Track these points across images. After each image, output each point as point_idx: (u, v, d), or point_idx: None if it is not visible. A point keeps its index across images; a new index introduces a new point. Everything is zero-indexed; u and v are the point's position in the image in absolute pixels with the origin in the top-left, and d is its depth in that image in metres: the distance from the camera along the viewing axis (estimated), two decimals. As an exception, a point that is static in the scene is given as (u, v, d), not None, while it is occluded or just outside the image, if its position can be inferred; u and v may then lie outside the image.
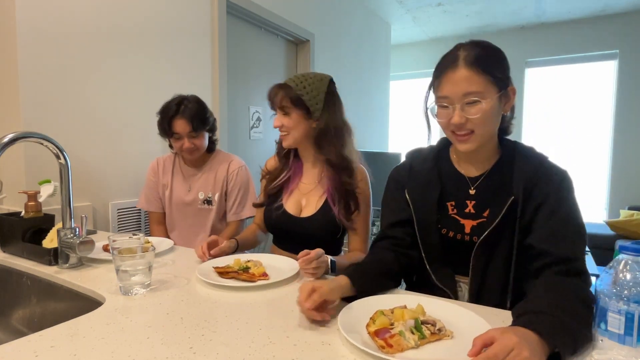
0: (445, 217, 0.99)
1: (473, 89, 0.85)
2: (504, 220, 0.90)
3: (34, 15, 1.52)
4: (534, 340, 0.60)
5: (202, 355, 0.64)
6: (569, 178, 0.91)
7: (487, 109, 0.86)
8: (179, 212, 1.73)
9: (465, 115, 0.87)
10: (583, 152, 4.74)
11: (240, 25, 2.62)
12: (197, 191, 1.71)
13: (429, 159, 1.04)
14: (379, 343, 0.65)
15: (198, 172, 1.73)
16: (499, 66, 0.89)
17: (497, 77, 0.87)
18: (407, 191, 1.03)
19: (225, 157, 1.77)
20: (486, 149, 0.97)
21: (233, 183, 1.72)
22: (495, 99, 0.87)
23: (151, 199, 1.75)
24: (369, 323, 0.71)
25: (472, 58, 0.86)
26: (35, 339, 0.70)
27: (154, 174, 1.75)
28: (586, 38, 4.58)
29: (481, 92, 0.86)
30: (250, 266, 1.05)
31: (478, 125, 0.88)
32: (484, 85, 0.86)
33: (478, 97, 0.86)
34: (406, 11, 4.33)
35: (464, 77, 0.86)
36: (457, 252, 0.97)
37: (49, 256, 1.13)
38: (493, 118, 0.90)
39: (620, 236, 3.71)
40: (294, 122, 1.26)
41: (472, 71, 0.85)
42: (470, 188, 0.98)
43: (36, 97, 1.55)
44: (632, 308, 0.55)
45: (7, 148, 0.95)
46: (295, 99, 1.24)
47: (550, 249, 0.83)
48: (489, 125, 0.90)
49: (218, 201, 1.71)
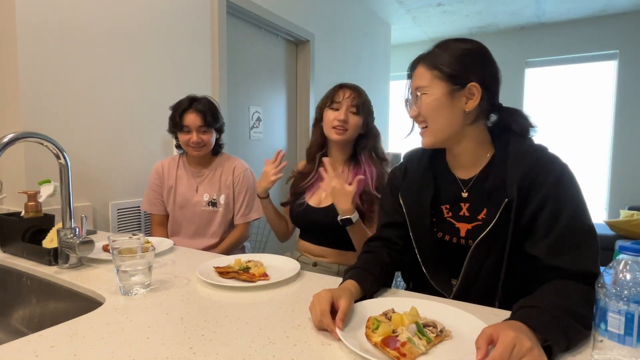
0: (441, 221, 0.98)
1: (420, 83, 0.92)
2: (500, 223, 0.86)
3: (34, 15, 1.52)
4: (528, 331, 0.61)
5: (202, 355, 0.64)
6: (568, 172, 0.85)
7: (428, 102, 0.90)
8: (183, 215, 1.73)
9: (416, 108, 0.94)
10: (583, 152, 4.74)
11: (240, 25, 2.62)
12: (202, 193, 1.72)
13: (424, 161, 1.03)
14: (392, 354, 0.62)
15: (203, 173, 1.74)
16: (453, 63, 0.89)
17: (445, 72, 0.89)
18: (401, 194, 1.03)
19: (230, 160, 1.79)
20: (469, 149, 0.94)
21: (240, 186, 1.74)
22: (440, 93, 0.89)
23: (153, 201, 1.76)
24: (368, 333, 0.69)
25: (428, 55, 0.93)
26: (35, 339, 0.70)
27: (158, 177, 1.75)
28: (586, 38, 4.58)
29: (426, 86, 0.91)
30: (251, 266, 1.05)
31: (427, 118, 0.92)
32: (430, 80, 0.90)
33: (420, 92, 0.92)
34: (406, 11, 4.34)
35: (417, 73, 0.94)
36: (453, 255, 0.95)
37: (49, 256, 1.13)
38: (439, 111, 0.90)
39: (620, 236, 3.71)
40: (359, 122, 1.40)
41: (422, 67, 0.93)
42: (462, 191, 0.97)
43: (36, 97, 1.55)
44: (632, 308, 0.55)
45: (7, 148, 0.95)
46: (365, 104, 1.42)
47: (561, 264, 0.78)
48: (437, 119, 0.91)
49: (224, 204, 1.72)
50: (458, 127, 0.92)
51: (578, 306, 0.69)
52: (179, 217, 1.74)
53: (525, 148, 0.89)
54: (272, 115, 3.00)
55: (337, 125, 1.37)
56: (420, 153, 1.06)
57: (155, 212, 1.77)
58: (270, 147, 2.95)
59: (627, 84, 4.42)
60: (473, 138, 0.94)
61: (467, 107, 0.89)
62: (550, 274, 0.80)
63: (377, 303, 0.83)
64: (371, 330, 0.69)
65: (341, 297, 0.76)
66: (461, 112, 0.90)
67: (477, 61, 0.91)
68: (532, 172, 0.85)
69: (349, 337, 0.67)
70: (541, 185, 0.83)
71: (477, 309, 0.84)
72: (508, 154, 0.90)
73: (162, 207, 1.77)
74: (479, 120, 0.93)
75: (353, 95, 1.40)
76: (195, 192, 1.72)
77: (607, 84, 4.61)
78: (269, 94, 2.94)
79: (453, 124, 0.91)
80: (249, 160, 2.74)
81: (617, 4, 4.14)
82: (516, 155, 0.88)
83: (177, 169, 1.76)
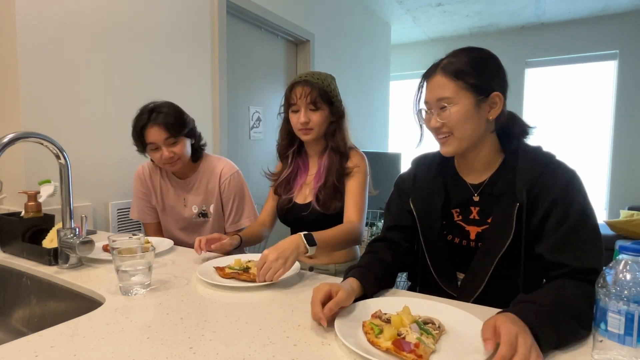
0: (451, 224, 1.00)
1: (444, 94, 0.90)
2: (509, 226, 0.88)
3: (34, 15, 1.52)
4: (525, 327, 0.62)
5: (202, 355, 0.64)
6: (577, 177, 0.88)
7: (457, 114, 0.90)
8: (176, 226, 1.64)
9: (440, 119, 0.92)
10: (583, 152, 4.74)
11: (240, 25, 2.62)
12: (190, 205, 1.61)
13: (433, 167, 1.05)
14: (410, 358, 0.61)
15: (188, 182, 1.60)
16: (476, 73, 0.89)
17: (470, 83, 0.89)
18: (412, 200, 1.04)
19: (215, 164, 1.62)
20: (483, 155, 0.96)
21: (227, 193, 1.59)
22: (469, 104, 0.89)
23: (143, 209, 1.65)
24: (373, 339, 0.67)
25: (447, 65, 0.91)
26: (35, 339, 0.70)
27: (142, 183, 1.62)
28: (586, 38, 4.58)
29: (451, 97, 0.90)
30: (251, 266, 1.05)
31: (454, 128, 0.92)
32: (456, 92, 0.89)
33: (447, 103, 0.90)
34: (406, 11, 4.33)
35: (438, 83, 0.92)
36: (462, 257, 0.97)
37: (49, 256, 1.13)
38: (468, 122, 0.91)
39: (620, 236, 3.71)
40: (322, 117, 1.33)
41: (445, 78, 0.90)
42: (473, 195, 0.98)
43: (36, 97, 1.55)
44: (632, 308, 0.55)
45: (7, 148, 0.95)
46: (323, 94, 1.32)
47: (565, 260, 0.80)
48: (466, 129, 0.91)
49: (214, 212, 1.61)
50: (481, 136, 0.94)
51: (576, 303, 0.70)
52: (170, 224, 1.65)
53: (534, 154, 0.92)
54: (272, 115, 2.99)
55: (300, 128, 1.33)
56: (429, 159, 1.08)
57: (149, 221, 1.66)
58: (270, 147, 2.94)
59: (627, 84, 4.41)
60: (489, 144, 0.96)
61: (490, 116, 0.92)
62: (554, 272, 0.82)
63: (377, 303, 0.83)
64: (375, 336, 0.68)
65: (340, 289, 0.77)
66: (484, 121, 0.92)
67: (495, 70, 0.92)
68: (542, 178, 0.87)
69: (349, 336, 0.67)
70: (550, 190, 0.86)
71: (473, 308, 0.84)
72: (517, 159, 0.92)
73: (153, 214, 1.66)
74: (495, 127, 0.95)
75: (306, 92, 1.30)
76: (183, 205, 1.61)
77: (607, 84, 4.61)
78: (269, 94, 2.94)
79: (478, 133, 0.93)
80: (249, 160, 2.76)
81: (617, 4, 4.14)
82: (525, 160, 0.91)
83: (160, 176, 1.63)
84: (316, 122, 1.32)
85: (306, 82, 1.31)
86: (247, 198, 1.66)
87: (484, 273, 0.91)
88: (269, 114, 2.94)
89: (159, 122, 1.42)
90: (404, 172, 1.14)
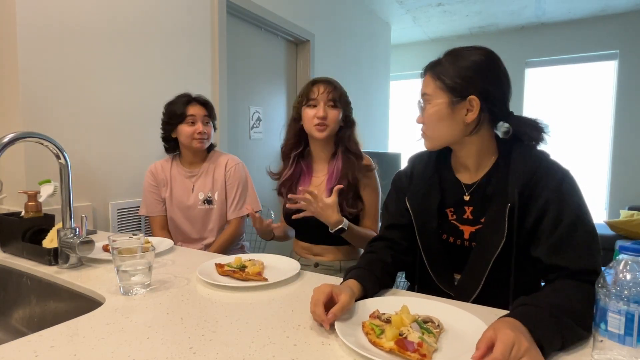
0: (446, 223, 1.00)
1: (426, 91, 0.95)
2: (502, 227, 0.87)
3: (34, 15, 1.52)
4: (525, 330, 0.62)
5: (202, 355, 0.64)
6: (570, 177, 0.87)
7: (430, 112, 0.93)
8: (182, 216, 1.73)
9: (421, 116, 0.97)
10: (583, 152, 4.74)
11: (240, 25, 2.62)
12: (197, 191, 1.72)
13: (430, 166, 1.05)
14: (414, 357, 0.61)
15: (196, 171, 1.74)
16: (455, 75, 0.90)
17: (447, 83, 0.90)
18: (408, 198, 1.04)
19: (222, 156, 1.79)
20: (473, 155, 0.96)
21: (231, 180, 1.73)
22: (443, 104, 0.91)
23: (153, 202, 1.74)
24: (374, 340, 0.67)
25: (435, 64, 0.95)
26: (35, 339, 0.70)
27: (154, 177, 1.75)
28: (586, 38, 4.58)
29: (431, 95, 0.93)
30: (248, 265, 1.05)
31: (426, 126, 0.96)
32: (433, 90, 0.93)
33: (426, 100, 0.95)
34: (406, 11, 4.34)
35: (425, 80, 0.97)
36: (457, 256, 0.97)
37: (49, 256, 1.13)
38: (440, 123, 0.93)
39: (620, 236, 3.71)
40: (338, 116, 1.40)
41: (429, 76, 0.95)
42: (465, 194, 0.98)
43: (36, 97, 1.55)
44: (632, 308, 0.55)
45: (7, 148, 0.95)
46: (342, 96, 1.41)
47: (562, 263, 0.79)
48: (437, 129, 0.94)
49: (219, 200, 1.72)
50: (458, 137, 0.95)
51: (577, 305, 0.69)
52: (178, 219, 1.73)
53: (527, 154, 0.91)
54: (272, 115, 3.00)
55: (318, 123, 1.36)
56: (426, 157, 1.07)
57: (156, 214, 1.75)
58: (270, 147, 2.95)
59: (627, 84, 4.41)
60: (475, 145, 0.96)
61: (467, 119, 0.92)
62: (552, 274, 0.81)
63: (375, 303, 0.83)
64: (376, 336, 0.67)
65: (342, 292, 0.76)
66: (461, 123, 0.92)
67: (480, 73, 0.90)
68: (534, 178, 0.87)
69: (349, 336, 0.67)
70: (542, 190, 0.85)
71: (472, 308, 0.84)
72: (510, 160, 0.91)
73: (161, 207, 1.76)
74: (482, 130, 0.94)
75: (328, 90, 1.38)
76: (191, 192, 1.73)
77: (607, 84, 4.61)
78: (269, 94, 2.94)
79: (453, 134, 0.94)
80: (249, 160, 2.75)
81: (617, 4, 4.14)
82: (518, 161, 0.90)
83: (170, 169, 1.76)
84: (332, 119, 1.37)
85: (328, 82, 1.41)
86: (251, 188, 1.80)
87: (480, 274, 0.91)
88: (269, 114, 2.94)
89: (202, 102, 1.71)
90: (401, 170, 1.14)
